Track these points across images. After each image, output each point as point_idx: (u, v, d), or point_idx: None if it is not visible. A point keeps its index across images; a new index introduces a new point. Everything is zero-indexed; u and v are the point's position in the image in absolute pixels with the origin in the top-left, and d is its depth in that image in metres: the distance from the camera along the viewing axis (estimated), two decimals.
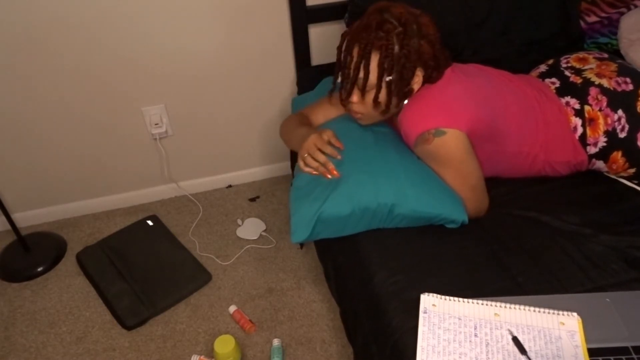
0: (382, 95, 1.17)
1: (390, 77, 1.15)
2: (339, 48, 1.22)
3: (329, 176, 1.20)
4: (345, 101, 1.23)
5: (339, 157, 1.22)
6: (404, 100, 1.21)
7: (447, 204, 1.18)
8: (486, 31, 1.57)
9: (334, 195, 1.17)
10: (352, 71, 1.16)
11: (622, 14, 1.59)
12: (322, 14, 1.72)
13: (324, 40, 1.80)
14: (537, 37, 1.61)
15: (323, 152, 1.23)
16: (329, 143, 1.24)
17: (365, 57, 1.14)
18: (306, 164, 1.25)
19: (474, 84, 1.21)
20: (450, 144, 1.15)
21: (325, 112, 1.42)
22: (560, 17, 1.61)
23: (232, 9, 1.67)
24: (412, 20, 1.14)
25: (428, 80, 1.20)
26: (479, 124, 1.17)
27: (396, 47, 1.13)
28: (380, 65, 1.13)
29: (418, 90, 1.21)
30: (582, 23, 1.63)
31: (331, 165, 1.21)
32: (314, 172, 1.24)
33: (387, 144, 1.26)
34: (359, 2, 1.55)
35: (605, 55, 1.38)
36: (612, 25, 1.60)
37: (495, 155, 1.26)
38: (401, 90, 1.18)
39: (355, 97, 1.20)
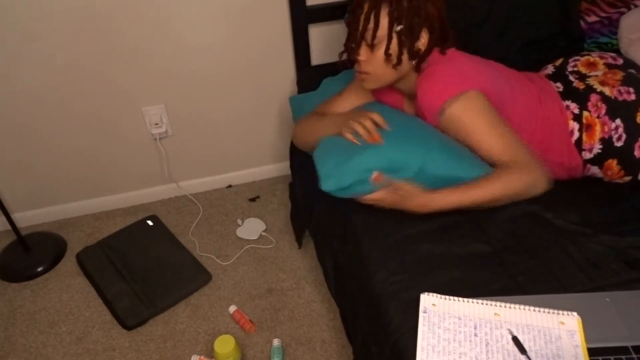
0: (393, 47, 1.17)
1: (401, 27, 1.15)
2: (350, 5, 1.23)
3: (371, 142, 1.20)
4: (353, 56, 1.23)
5: (387, 127, 1.22)
6: (414, 62, 1.22)
7: (475, 167, 1.20)
8: (486, 31, 1.57)
9: (370, 151, 1.18)
10: (361, 23, 1.17)
11: (622, 13, 1.59)
12: (322, 14, 1.72)
13: (324, 40, 1.80)
14: (537, 37, 1.61)
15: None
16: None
17: (375, 8, 1.15)
18: (348, 130, 1.25)
19: (483, 66, 1.23)
20: (479, 101, 1.16)
21: (342, 106, 1.41)
22: (560, 17, 1.61)
23: (232, 9, 1.67)
24: None
25: (435, 44, 1.21)
26: (491, 92, 1.19)
27: (405, 2, 1.15)
28: (391, 14, 1.14)
29: (429, 60, 1.22)
30: (582, 23, 1.63)
31: (376, 133, 1.21)
32: (355, 141, 1.23)
33: (410, 120, 1.28)
34: None
35: (619, 62, 1.35)
36: (612, 25, 1.60)
37: None
38: (411, 45, 1.18)
39: (363, 53, 1.20)
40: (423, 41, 1.19)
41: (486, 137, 1.18)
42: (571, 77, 1.35)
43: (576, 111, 1.28)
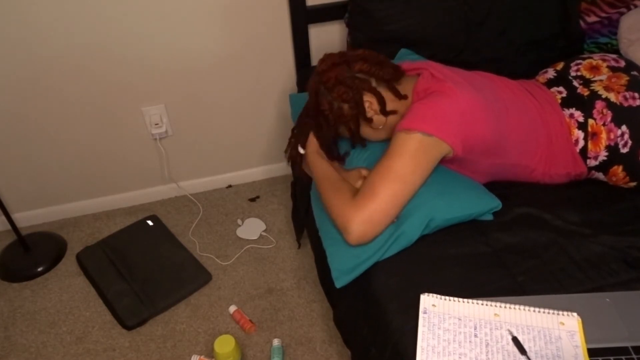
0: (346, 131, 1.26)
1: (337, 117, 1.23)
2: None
3: None
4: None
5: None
6: (388, 115, 1.23)
7: (478, 201, 1.19)
8: (486, 31, 1.57)
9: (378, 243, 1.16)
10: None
11: (622, 14, 1.59)
12: (322, 14, 1.72)
13: (324, 40, 1.80)
14: (537, 37, 1.61)
15: None
16: None
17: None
18: None
19: (481, 97, 1.17)
20: (422, 147, 1.10)
21: None
22: (560, 17, 1.61)
23: (232, 9, 1.67)
24: (317, 85, 1.23)
25: (391, 86, 1.21)
26: (474, 140, 1.15)
27: (323, 98, 1.23)
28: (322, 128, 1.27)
29: (425, 87, 1.19)
30: (582, 23, 1.63)
31: None
32: None
33: None
34: (359, 2, 1.55)
35: (622, 64, 1.33)
36: (612, 25, 1.60)
37: (494, 167, 1.25)
38: (361, 117, 1.22)
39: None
40: (370, 105, 1.21)
41: (387, 170, 1.11)
42: (575, 83, 1.32)
43: (581, 119, 1.27)
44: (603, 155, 1.26)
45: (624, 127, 1.24)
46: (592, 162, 1.27)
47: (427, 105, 1.14)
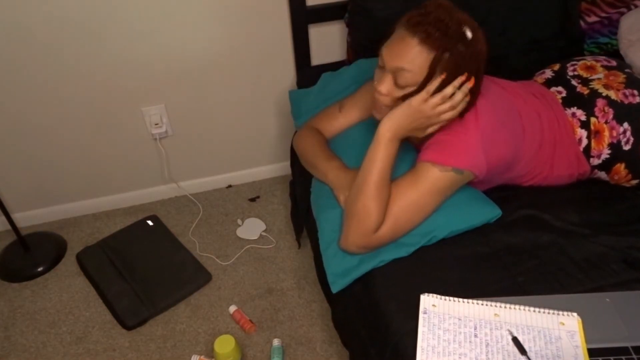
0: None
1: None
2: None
3: None
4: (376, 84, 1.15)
5: None
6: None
7: (478, 211, 1.19)
8: (486, 31, 1.56)
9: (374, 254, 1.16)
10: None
11: (622, 14, 1.59)
12: (322, 14, 1.72)
13: (324, 40, 1.80)
14: (537, 37, 1.61)
15: None
16: None
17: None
18: None
19: (497, 115, 1.15)
20: (446, 180, 1.10)
21: (336, 125, 1.38)
22: (560, 17, 1.61)
23: (232, 9, 1.67)
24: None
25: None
26: (496, 163, 1.14)
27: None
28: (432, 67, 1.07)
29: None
30: (582, 23, 1.63)
31: None
32: None
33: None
34: (359, 2, 1.55)
35: (614, 63, 1.34)
36: (612, 25, 1.60)
37: (500, 180, 1.26)
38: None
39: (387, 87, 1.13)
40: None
41: (415, 206, 1.12)
42: (574, 82, 1.32)
43: (583, 118, 1.27)
44: (606, 153, 1.26)
45: (625, 125, 1.24)
46: (595, 161, 1.28)
47: (457, 138, 1.11)
